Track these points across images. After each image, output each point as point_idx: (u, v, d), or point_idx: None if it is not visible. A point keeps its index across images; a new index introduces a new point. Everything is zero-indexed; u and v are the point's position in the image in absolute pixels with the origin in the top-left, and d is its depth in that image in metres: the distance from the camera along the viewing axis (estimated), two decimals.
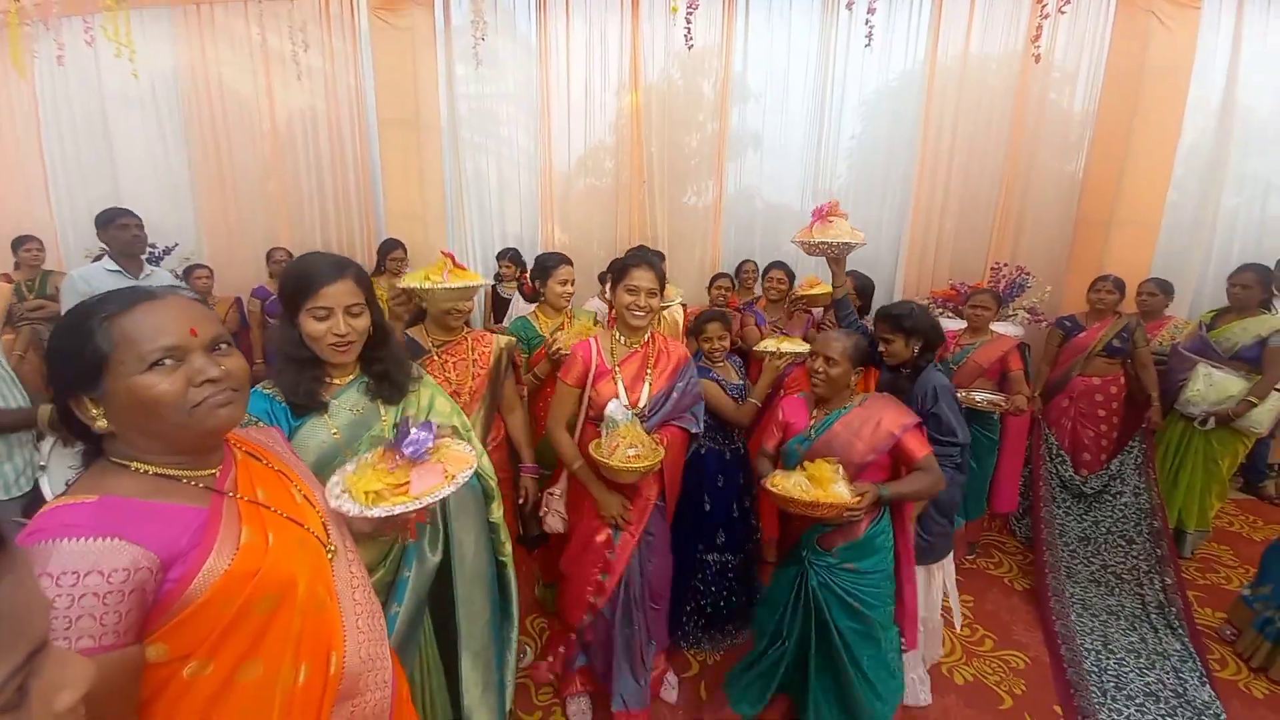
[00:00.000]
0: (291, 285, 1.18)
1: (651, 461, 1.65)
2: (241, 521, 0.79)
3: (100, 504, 0.70)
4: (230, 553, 0.75)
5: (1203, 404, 2.89)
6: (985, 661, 2.36)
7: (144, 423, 0.75)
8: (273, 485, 0.88)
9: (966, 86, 3.89)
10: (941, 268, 4.11)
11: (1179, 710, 2.11)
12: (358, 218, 4.47)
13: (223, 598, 0.73)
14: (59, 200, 4.67)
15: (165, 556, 0.70)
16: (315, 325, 1.17)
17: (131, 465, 0.76)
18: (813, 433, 1.81)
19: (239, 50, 4.22)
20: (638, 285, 1.77)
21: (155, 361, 0.73)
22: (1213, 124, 3.78)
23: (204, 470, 0.81)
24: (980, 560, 3.07)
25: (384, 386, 1.29)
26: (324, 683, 0.84)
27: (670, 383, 1.86)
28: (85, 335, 0.72)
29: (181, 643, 0.71)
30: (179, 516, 0.74)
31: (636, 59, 4.06)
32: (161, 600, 0.70)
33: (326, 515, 0.94)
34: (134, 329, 0.73)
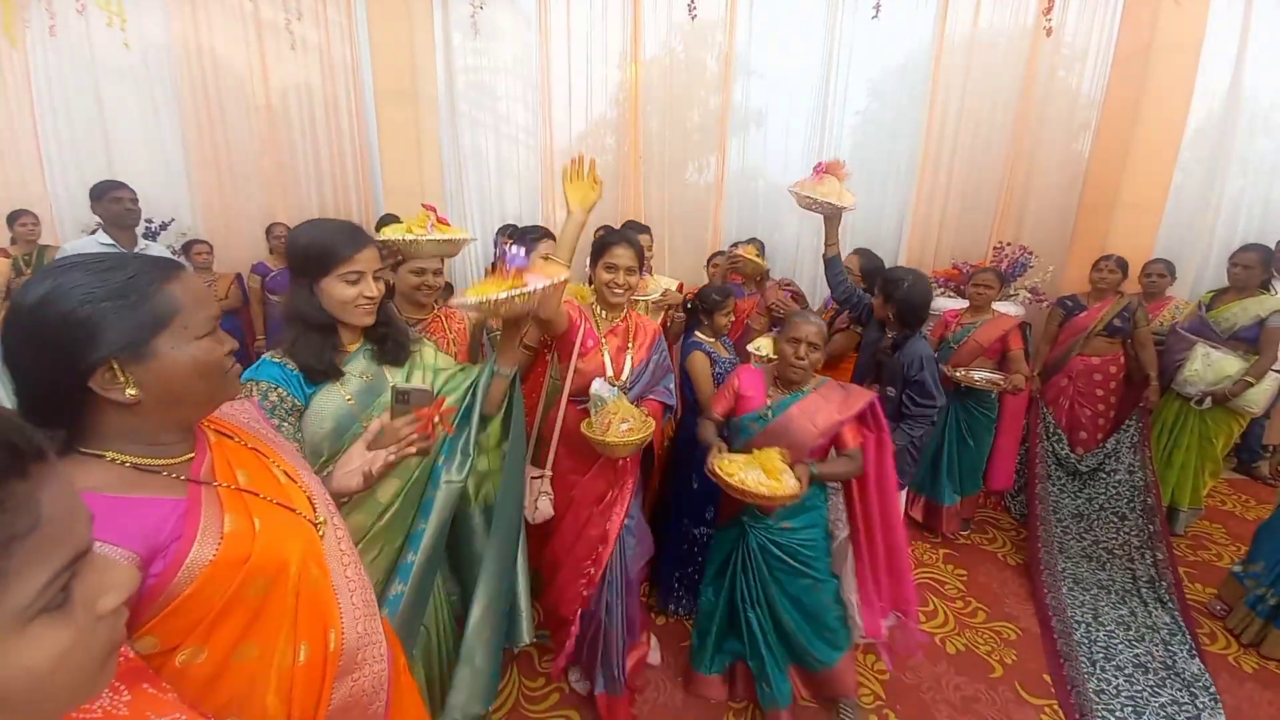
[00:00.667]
0: (317, 251, 1.18)
1: (645, 434, 1.67)
2: (224, 509, 0.76)
3: None
4: (214, 542, 0.73)
5: (1200, 383, 2.91)
6: (977, 632, 2.41)
7: (186, 391, 0.75)
8: (252, 466, 0.86)
9: (974, 63, 3.83)
10: (945, 246, 4.09)
11: (1168, 682, 2.16)
12: (355, 193, 4.43)
13: (211, 587, 0.71)
14: (53, 174, 4.61)
15: (145, 552, 0.68)
16: (347, 289, 1.19)
17: (107, 456, 0.72)
18: (769, 414, 1.83)
19: (231, 20, 4.14)
20: (616, 263, 1.78)
21: (211, 330, 0.77)
22: (1219, 106, 3.73)
23: (180, 457, 0.78)
24: (975, 535, 3.11)
25: (388, 348, 1.32)
26: (324, 660, 0.84)
27: (648, 355, 1.89)
28: (140, 294, 0.70)
29: (171, 633, 0.70)
30: (157, 509, 0.71)
31: (638, 30, 3.99)
32: (145, 595, 0.68)
33: (312, 490, 0.93)
34: (186, 296, 0.74)
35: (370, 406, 1.27)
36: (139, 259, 0.74)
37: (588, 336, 1.83)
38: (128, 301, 0.70)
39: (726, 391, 1.93)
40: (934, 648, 2.30)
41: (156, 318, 0.71)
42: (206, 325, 0.76)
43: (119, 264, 0.72)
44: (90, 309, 0.68)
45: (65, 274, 0.69)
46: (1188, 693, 2.11)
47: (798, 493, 1.60)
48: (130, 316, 0.70)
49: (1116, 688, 2.13)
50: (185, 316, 0.74)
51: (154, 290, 0.72)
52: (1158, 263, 3.29)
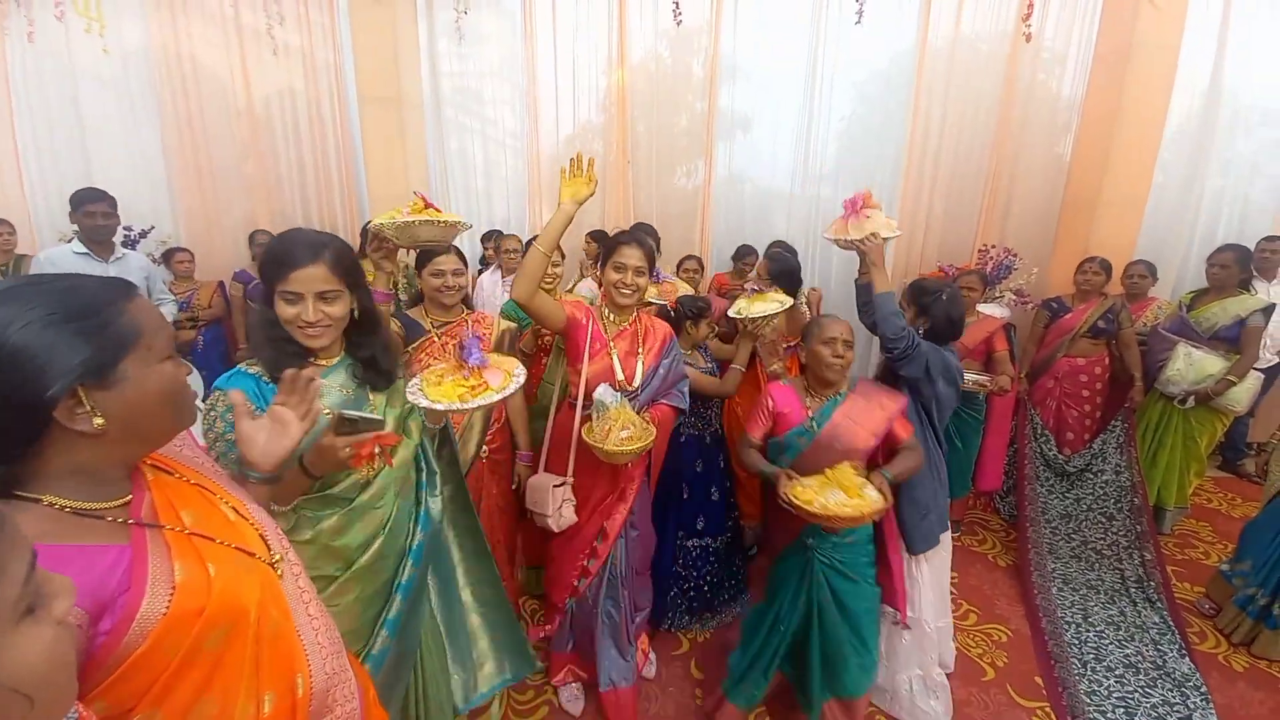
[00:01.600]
0: (267, 265, 1.16)
1: (644, 442, 1.65)
2: (172, 556, 0.69)
3: None
4: (166, 593, 0.66)
5: (1182, 383, 2.93)
6: (968, 635, 2.40)
7: (151, 417, 0.71)
8: (197, 505, 0.79)
9: (956, 67, 3.87)
10: (930, 249, 4.11)
11: (1159, 681, 2.16)
12: (339, 199, 4.39)
13: (166, 643, 0.65)
14: (31, 182, 4.53)
15: (93, 608, 0.61)
16: (285, 308, 1.14)
17: (44, 500, 0.65)
18: (814, 424, 1.76)
19: (211, 25, 4.09)
20: (625, 263, 1.76)
21: (173, 352, 0.74)
22: (1199, 106, 3.79)
23: (119, 499, 0.71)
24: (964, 537, 3.11)
25: (370, 373, 1.26)
26: (293, 707, 0.79)
27: (658, 359, 1.86)
28: (107, 314, 0.67)
29: (123, 697, 0.64)
30: (100, 558, 0.64)
31: (624, 35, 3.99)
32: (95, 656, 0.61)
33: (263, 525, 0.86)
34: (147, 317, 0.71)
35: None
36: (92, 280, 0.70)
37: (595, 339, 1.80)
38: (93, 322, 0.65)
39: (761, 412, 1.84)
40: None
41: (122, 339, 0.67)
42: (168, 348, 0.73)
43: (76, 285, 0.68)
44: (53, 333, 0.62)
45: (18, 298, 0.63)
46: (1179, 693, 2.11)
47: (885, 507, 1.50)
48: (96, 339, 0.65)
49: (1108, 689, 2.13)
50: (149, 338, 0.70)
51: (117, 311, 0.68)
52: (1139, 264, 3.33)
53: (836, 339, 1.74)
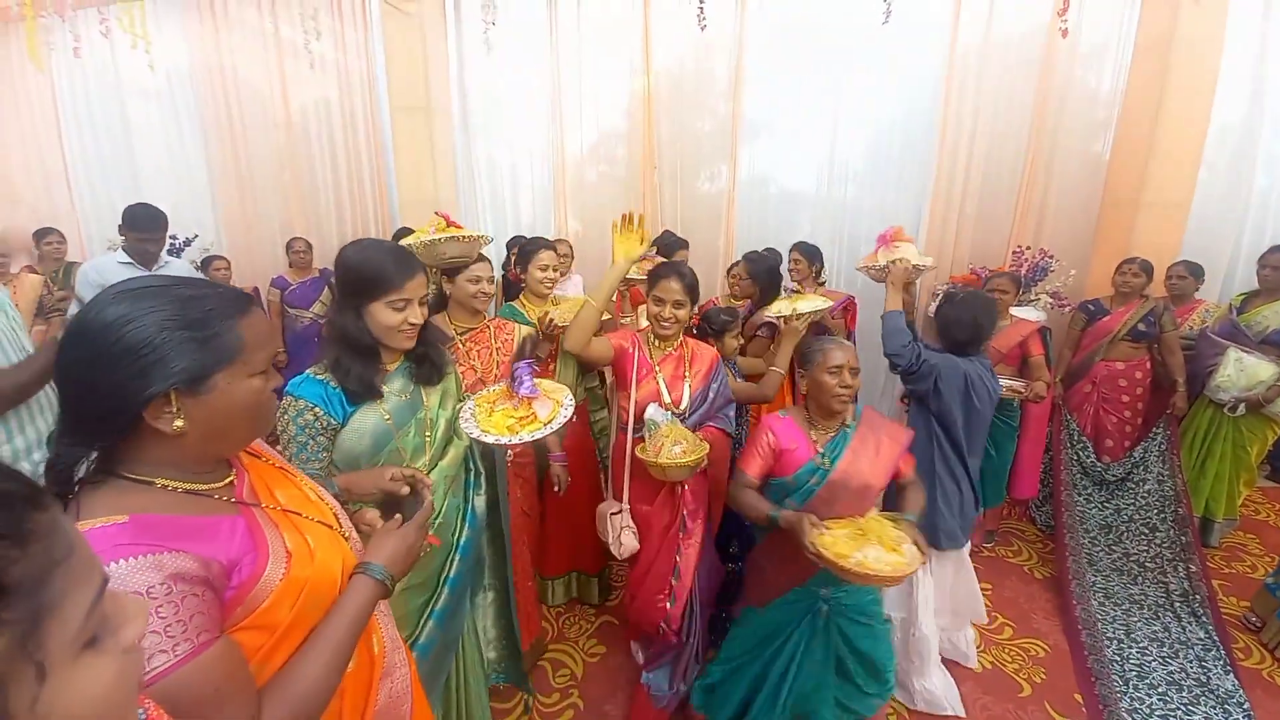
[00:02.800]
0: (368, 277, 1.21)
1: (698, 456, 1.65)
2: (280, 529, 0.78)
3: (134, 523, 0.65)
4: (283, 560, 0.75)
5: (1233, 389, 2.82)
6: (1004, 649, 2.34)
7: (232, 425, 0.75)
8: (284, 485, 0.87)
9: (988, 64, 3.77)
10: (961, 252, 4.02)
11: (1202, 699, 2.08)
12: (372, 206, 4.49)
13: (284, 602, 0.74)
14: (79, 192, 4.75)
15: (228, 563, 0.70)
16: (393, 315, 1.21)
17: (157, 483, 0.72)
18: (826, 461, 1.61)
19: (252, 41, 4.24)
20: (664, 297, 1.81)
21: (268, 367, 0.77)
22: (1244, 101, 3.64)
23: (223, 481, 0.79)
24: (999, 548, 3.04)
25: (425, 368, 1.34)
26: (371, 663, 0.89)
27: (706, 383, 1.88)
28: (217, 328, 0.70)
29: (245, 645, 0.72)
30: (219, 528, 0.72)
31: (648, 41, 4.00)
32: (226, 606, 0.70)
33: (334, 505, 0.95)
34: (254, 334, 0.74)
35: (407, 424, 1.30)
36: (217, 291, 0.74)
37: (641, 365, 1.84)
38: (202, 334, 0.69)
39: (760, 449, 1.67)
40: (959, 667, 2.24)
41: (224, 353, 0.71)
42: (264, 363, 0.77)
43: (198, 294, 0.71)
44: (165, 336, 0.67)
45: (144, 298, 0.68)
46: (1221, 710, 2.04)
47: (922, 563, 1.37)
48: (201, 349, 0.69)
49: (1150, 707, 2.06)
50: (249, 354, 0.74)
51: (228, 326, 0.72)
52: (1180, 264, 3.21)
53: (843, 366, 1.61)
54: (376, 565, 0.87)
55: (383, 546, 0.90)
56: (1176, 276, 3.18)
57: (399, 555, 0.91)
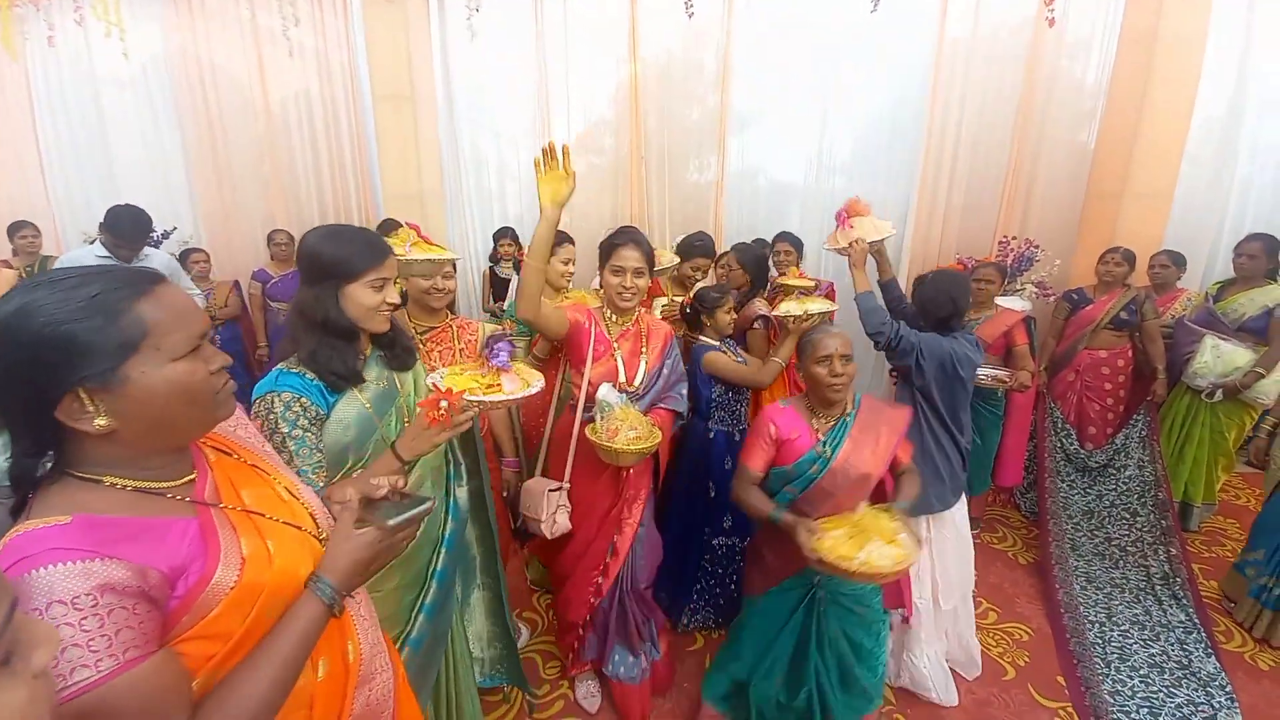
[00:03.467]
0: (345, 258, 1.19)
1: (651, 443, 1.63)
2: (237, 532, 0.74)
3: (77, 524, 0.63)
4: (236, 565, 0.71)
5: (1210, 376, 2.86)
6: (989, 634, 2.37)
7: (167, 417, 0.69)
8: (255, 485, 0.83)
9: (975, 55, 3.78)
10: (948, 242, 4.04)
11: (1184, 681, 2.13)
12: (355, 198, 4.42)
13: (233, 609, 0.70)
14: (54, 184, 4.63)
15: (170, 572, 0.66)
16: (372, 295, 1.20)
17: (105, 480, 0.68)
18: (827, 449, 1.60)
19: (228, 28, 4.14)
20: (623, 265, 1.74)
21: (193, 349, 0.70)
22: (1228, 92, 3.67)
23: (181, 479, 0.75)
24: (984, 535, 3.07)
25: (396, 354, 1.34)
26: (346, 671, 0.85)
27: (661, 360, 1.85)
28: (106, 316, 0.64)
29: (191, 657, 0.68)
30: (170, 530, 0.68)
31: (635, 29, 3.96)
32: (170, 617, 0.66)
33: (313, 506, 0.90)
34: (166, 313, 0.68)
35: (387, 413, 1.29)
36: (108, 273, 0.67)
37: (599, 342, 1.79)
38: (92, 324, 0.63)
39: (761, 441, 1.67)
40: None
41: (124, 341, 0.65)
42: (185, 345, 0.69)
43: (84, 280, 0.65)
44: (52, 332, 0.62)
45: (30, 293, 0.63)
46: (1204, 692, 2.08)
47: (921, 553, 1.38)
48: (95, 340, 0.63)
49: (1132, 689, 2.10)
50: (157, 338, 0.67)
51: (121, 310, 0.65)
52: (1162, 254, 3.25)
53: (832, 356, 1.59)
54: (326, 583, 0.78)
55: (339, 556, 0.80)
56: (1160, 266, 3.22)
57: (357, 566, 0.81)
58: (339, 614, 0.80)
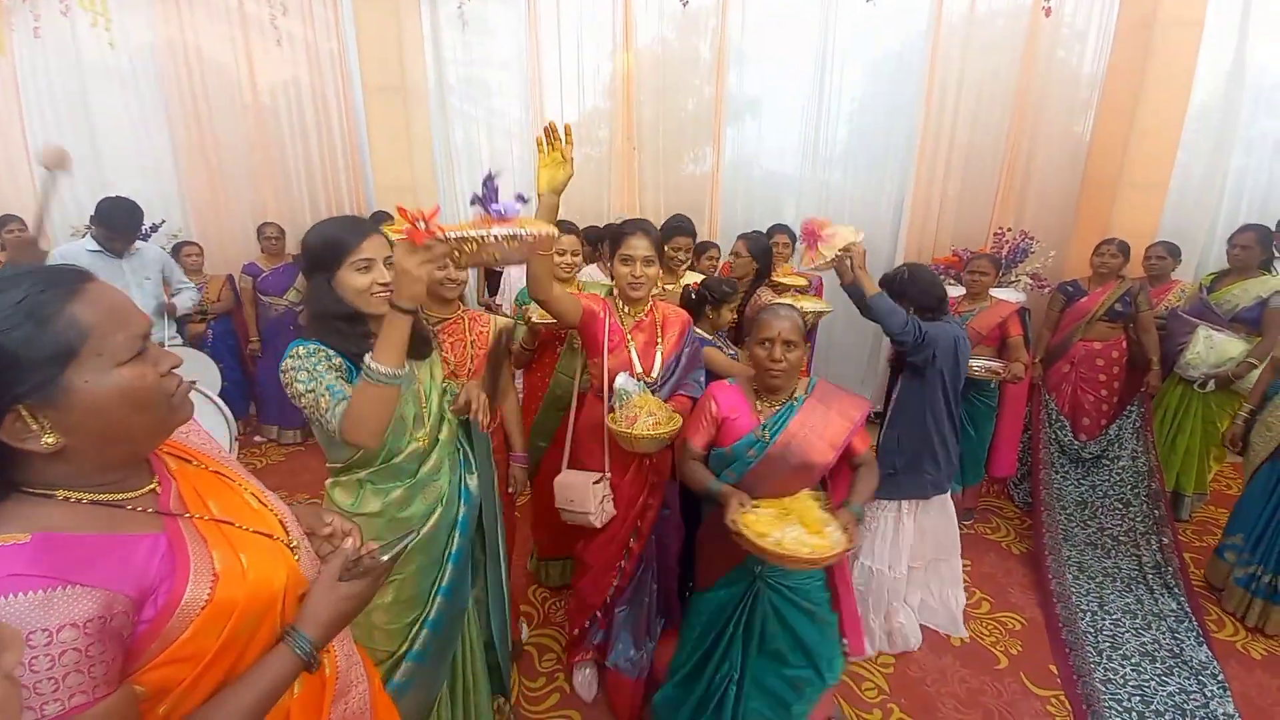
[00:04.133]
0: (328, 245, 1.21)
1: (671, 429, 1.62)
2: (208, 544, 0.70)
3: (36, 544, 0.58)
4: (208, 582, 0.67)
5: (1202, 366, 2.87)
6: (981, 623, 2.38)
7: (119, 426, 0.64)
8: (221, 493, 0.79)
9: (971, 45, 3.76)
10: (944, 233, 4.04)
11: (1176, 670, 2.14)
12: (346, 191, 4.39)
13: (207, 630, 0.66)
14: (42, 177, 4.57)
15: (137, 595, 0.61)
16: (359, 278, 1.21)
17: (58, 494, 0.63)
18: (766, 434, 1.55)
19: (215, 17, 4.08)
20: (632, 254, 1.73)
21: (138, 351, 0.65)
22: (1223, 83, 3.66)
23: (141, 489, 0.70)
24: (978, 525, 3.08)
25: (414, 342, 1.30)
26: (322, 685, 0.83)
27: (679, 348, 1.84)
28: (36, 323, 0.58)
29: (159, 683, 0.64)
30: (135, 548, 0.64)
31: (629, 19, 3.92)
32: (136, 643, 0.62)
33: (282, 513, 0.86)
34: (96, 315, 0.62)
35: (404, 396, 1.30)
36: (29, 275, 0.61)
37: (613, 332, 1.77)
38: (22, 333, 0.58)
39: (703, 418, 1.63)
40: (938, 640, 2.28)
41: (60, 349, 0.59)
42: (129, 347, 0.64)
43: (9, 285, 0.59)
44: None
45: None
46: (1196, 680, 2.09)
47: (846, 550, 1.33)
48: (27, 352, 0.58)
49: (1124, 677, 2.11)
50: (97, 342, 0.61)
51: (52, 314, 0.59)
52: (1159, 245, 3.25)
53: (774, 340, 1.52)
54: (304, 639, 0.75)
55: (321, 610, 0.78)
56: (1156, 257, 3.22)
57: (339, 619, 0.79)
58: (314, 670, 0.76)
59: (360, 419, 1.12)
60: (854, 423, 1.58)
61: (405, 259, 1.06)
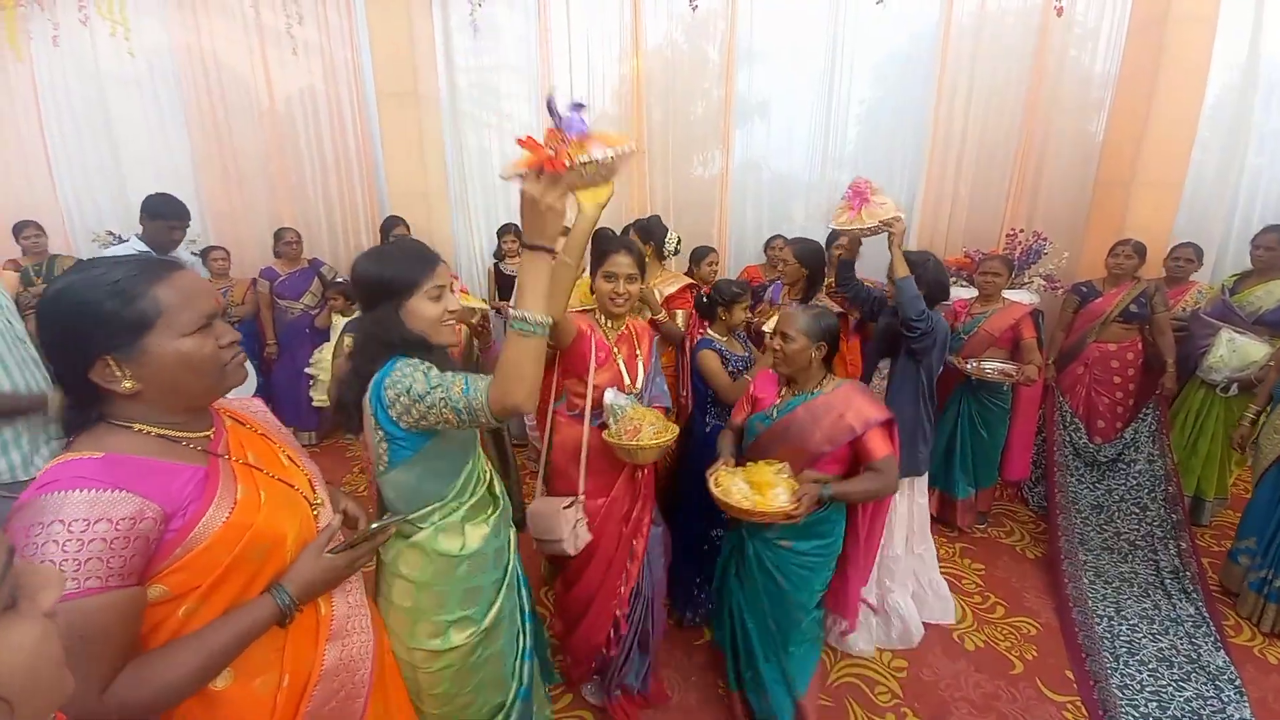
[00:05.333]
0: (397, 275, 1.15)
1: (671, 434, 1.65)
2: (237, 480, 0.86)
3: (105, 460, 0.76)
4: (228, 506, 0.83)
5: (1225, 369, 2.82)
6: (996, 628, 2.37)
7: (180, 382, 0.82)
8: (260, 448, 0.96)
9: (982, 45, 3.75)
10: (955, 234, 4.02)
11: (1193, 675, 2.12)
12: (361, 196, 4.43)
13: (220, 546, 0.81)
14: (63, 183, 4.65)
15: (168, 508, 0.77)
16: (433, 306, 1.17)
17: (134, 426, 0.81)
18: (775, 412, 1.73)
19: (232, 25, 4.14)
20: (616, 271, 1.73)
21: (201, 326, 0.82)
22: (1237, 79, 3.62)
23: (199, 433, 0.87)
24: (992, 529, 3.06)
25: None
26: (316, 622, 0.96)
27: (651, 357, 1.87)
28: (125, 298, 0.77)
29: (179, 584, 0.79)
30: (180, 473, 0.80)
31: (638, 23, 3.94)
32: (163, 547, 0.77)
33: (311, 474, 1.03)
34: (178, 295, 0.80)
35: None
36: (134, 262, 0.80)
37: (599, 349, 1.76)
38: (118, 303, 0.76)
39: (745, 398, 1.87)
40: (952, 644, 2.27)
41: (142, 318, 0.77)
42: (195, 322, 0.81)
43: (114, 266, 0.79)
44: (84, 309, 0.76)
45: (74, 275, 0.78)
46: (1213, 686, 2.06)
47: (788, 512, 1.46)
48: (119, 317, 0.76)
49: (1140, 683, 2.09)
50: (171, 316, 0.79)
51: (140, 292, 0.78)
52: (1188, 247, 3.20)
53: (777, 332, 1.70)
54: (285, 592, 0.88)
55: (304, 571, 0.91)
56: (1184, 259, 3.18)
57: (315, 585, 0.92)
58: (286, 624, 0.89)
59: (513, 378, 1.02)
60: (857, 426, 1.60)
61: (546, 193, 1.01)
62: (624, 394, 1.73)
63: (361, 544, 0.99)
